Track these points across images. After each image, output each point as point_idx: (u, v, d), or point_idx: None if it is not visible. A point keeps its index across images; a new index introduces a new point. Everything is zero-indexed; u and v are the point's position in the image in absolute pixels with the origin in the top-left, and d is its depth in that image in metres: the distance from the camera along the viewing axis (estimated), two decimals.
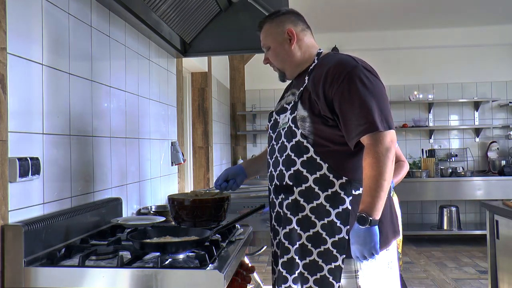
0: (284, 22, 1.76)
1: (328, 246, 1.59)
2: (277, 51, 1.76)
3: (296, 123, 1.65)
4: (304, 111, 1.63)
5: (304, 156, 1.63)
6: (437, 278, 4.42)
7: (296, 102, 1.68)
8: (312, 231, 1.61)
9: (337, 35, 6.19)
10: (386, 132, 1.53)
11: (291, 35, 1.73)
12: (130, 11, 2.15)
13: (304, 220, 1.63)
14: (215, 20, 2.93)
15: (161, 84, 2.95)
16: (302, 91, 1.68)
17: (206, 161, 4.55)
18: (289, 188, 1.66)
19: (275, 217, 1.75)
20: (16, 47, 1.44)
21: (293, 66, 1.76)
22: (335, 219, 1.59)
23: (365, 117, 1.53)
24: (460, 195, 5.64)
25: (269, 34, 1.77)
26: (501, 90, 6.24)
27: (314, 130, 1.62)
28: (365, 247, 1.51)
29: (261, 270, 4.60)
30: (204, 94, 4.52)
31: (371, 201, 1.51)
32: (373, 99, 1.55)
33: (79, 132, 1.85)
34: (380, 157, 1.50)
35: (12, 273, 1.36)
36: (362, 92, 1.55)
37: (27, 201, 1.50)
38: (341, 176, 1.60)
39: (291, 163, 1.66)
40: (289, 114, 1.69)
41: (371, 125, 1.52)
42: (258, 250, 3.36)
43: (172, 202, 1.90)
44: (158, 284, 1.31)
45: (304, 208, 1.63)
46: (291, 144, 1.66)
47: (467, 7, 5.34)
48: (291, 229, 1.65)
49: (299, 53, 1.75)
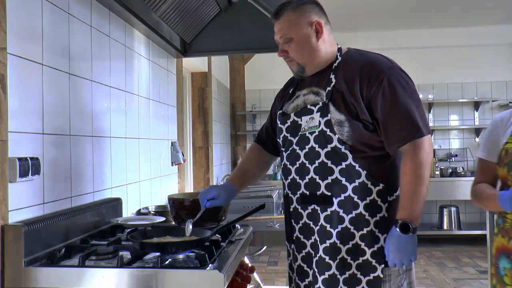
0: (310, 12, 1.61)
1: (367, 257, 1.52)
2: (301, 44, 1.60)
3: (331, 127, 1.53)
4: (341, 114, 1.52)
5: (342, 164, 1.53)
6: (437, 278, 4.42)
7: (326, 103, 1.55)
8: (351, 243, 1.53)
9: (337, 35, 6.12)
10: (427, 137, 1.49)
11: (319, 28, 1.60)
12: (130, 11, 2.15)
13: (344, 232, 1.53)
14: (215, 20, 2.93)
15: (161, 84, 2.95)
16: (332, 91, 1.56)
17: (206, 161, 4.55)
18: (327, 198, 1.55)
19: (301, 229, 1.63)
20: (16, 47, 1.44)
21: (317, 62, 1.62)
22: (373, 228, 1.52)
23: (408, 123, 1.48)
24: (460, 195, 5.64)
25: (293, 24, 1.59)
26: (501, 90, 6.24)
27: (353, 135, 1.51)
28: (406, 255, 1.47)
29: (261, 270, 4.60)
30: (204, 94, 4.52)
31: (413, 208, 1.46)
32: (413, 103, 1.50)
33: (79, 132, 1.85)
34: (422, 163, 1.46)
35: (12, 273, 1.36)
36: (403, 96, 1.50)
37: (27, 201, 1.50)
38: (378, 183, 1.53)
39: (327, 171, 1.55)
40: (319, 117, 1.56)
41: (416, 131, 1.47)
42: (258, 250, 3.36)
43: (172, 202, 1.90)
44: (158, 284, 1.31)
45: (344, 220, 1.54)
46: (325, 150, 1.55)
47: (467, 7, 5.33)
48: (332, 243, 1.54)
49: (324, 48, 1.62)
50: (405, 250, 1.46)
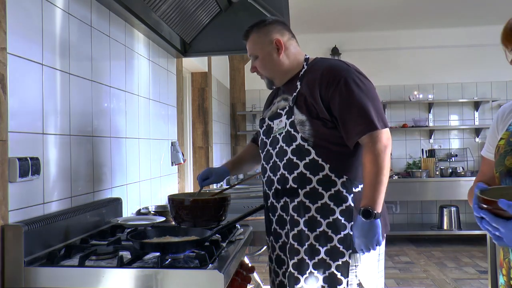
0: (271, 31, 1.79)
1: (334, 243, 1.65)
2: (265, 60, 1.79)
3: (295, 127, 1.70)
4: (302, 115, 1.69)
5: (306, 159, 1.68)
6: (437, 278, 4.42)
7: (291, 107, 1.73)
8: (319, 230, 1.67)
9: (337, 35, 6.19)
10: (383, 130, 1.63)
11: (279, 45, 1.77)
12: (130, 11, 2.15)
13: (311, 220, 1.67)
14: (215, 20, 2.93)
15: (161, 84, 2.95)
16: (296, 96, 1.73)
17: (206, 161, 4.55)
18: (294, 190, 1.70)
19: (277, 221, 1.79)
20: (16, 47, 1.44)
21: (282, 74, 1.81)
22: (339, 217, 1.66)
23: (363, 117, 1.62)
24: (460, 195, 5.64)
25: (257, 43, 1.80)
26: (501, 90, 6.24)
27: (314, 132, 1.67)
28: (370, 240, 1.59)
29: (261, 270, 4.60)
30: (204, 94, 4.52)
31: (373, 195, 1.59)
32: (368, 100, 1.64)
33: (79, 132, 1.85)
34: (380, 154, 1.60)
35: (12, 273, 1.35)
36: (358, 94, 1.64)
37: (27, 201, 1.50)
38: (342, 175, 1.68)
39: (293, 166, 1.70)
40: (286, 119, 1.73)
41: (370, 125, 1.61)
42: (258, 250, 3.36)
43: (172, 202, 1.90)
44: (158, 284, 1.31)
45: (310, 209, 1.68)
46: (291, 148, 1.71)
47: (467, 7, 5.34)
48: (299, 230, 1.69)
49: (287, 61, 1.79)
50: (369, 235, 1.58)
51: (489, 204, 1.12)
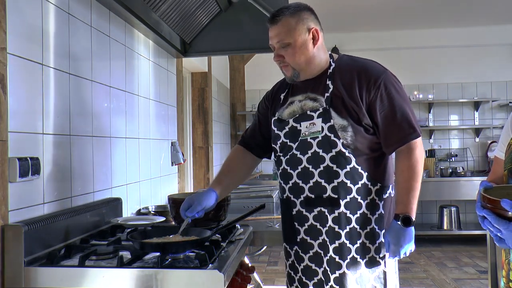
0: (308, 19, 1.63)
1: (371, 254, 1.63)
2: (299, 49, 1.61)
3: (335, 132, 1.58)
4: (343, 120, 1.58)
5: (347, 167, 1.60)
6: (437, 278, 4.42)
7: (327, 109, 1.60)
8: (359, 242, 1.62)
9: (337, 35, 6.19)
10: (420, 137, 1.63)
11: (316, 35, 1.63)
12: (130, 11, 2.15)
13: (351, 232, 1.62)
14: (215, 20, 2.93)
15: (161, 84, 2.95)
16: (331, 97, 1.61)
17: (206, 161, 4.55)
18: (334, 200, 1.61)
19: (307, 231, 1.68)
20: (16, 47, 1.44)
21: (312, 68, 1.66)
22: (374, 225, 1.63)
23: (406, 124, 1.59)
24: (460, 195, 5.64)
25: (291, 29, 1.60)
26: (501, 90, 6.24)
27: (356, 139, 1.59)
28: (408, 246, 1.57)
29: (261, 270, 4.60)
30: (204, 94, 4.52)
31: (411, 202, 1.57)
32: (407, 106, 1.62)
33: (79, 132, 1.85)
34: (418, 160, 1.59)
35: (12, 273, 1.36)
36: (398, 100, 1.60)
37: (27, 201, 1.50)
38: (377, 183, 1.63)
39: (333, 174, 1.60)
40: (322, 122, 1.60)
41: (413, 133, 1.59)
42: (258, 250, 3.36)
43: (172, 202, 1.90)
44: (158, 284, 1.31)
45: (351, 220, 1.62)
46: (330, 155, 1.60)
47: (467, 7, 5.33)
48: (341, 244, 1.61)
49: (319, 54, 1.66)
50: (404, 242, 1.55)
51: (492, 204, 1.10)
